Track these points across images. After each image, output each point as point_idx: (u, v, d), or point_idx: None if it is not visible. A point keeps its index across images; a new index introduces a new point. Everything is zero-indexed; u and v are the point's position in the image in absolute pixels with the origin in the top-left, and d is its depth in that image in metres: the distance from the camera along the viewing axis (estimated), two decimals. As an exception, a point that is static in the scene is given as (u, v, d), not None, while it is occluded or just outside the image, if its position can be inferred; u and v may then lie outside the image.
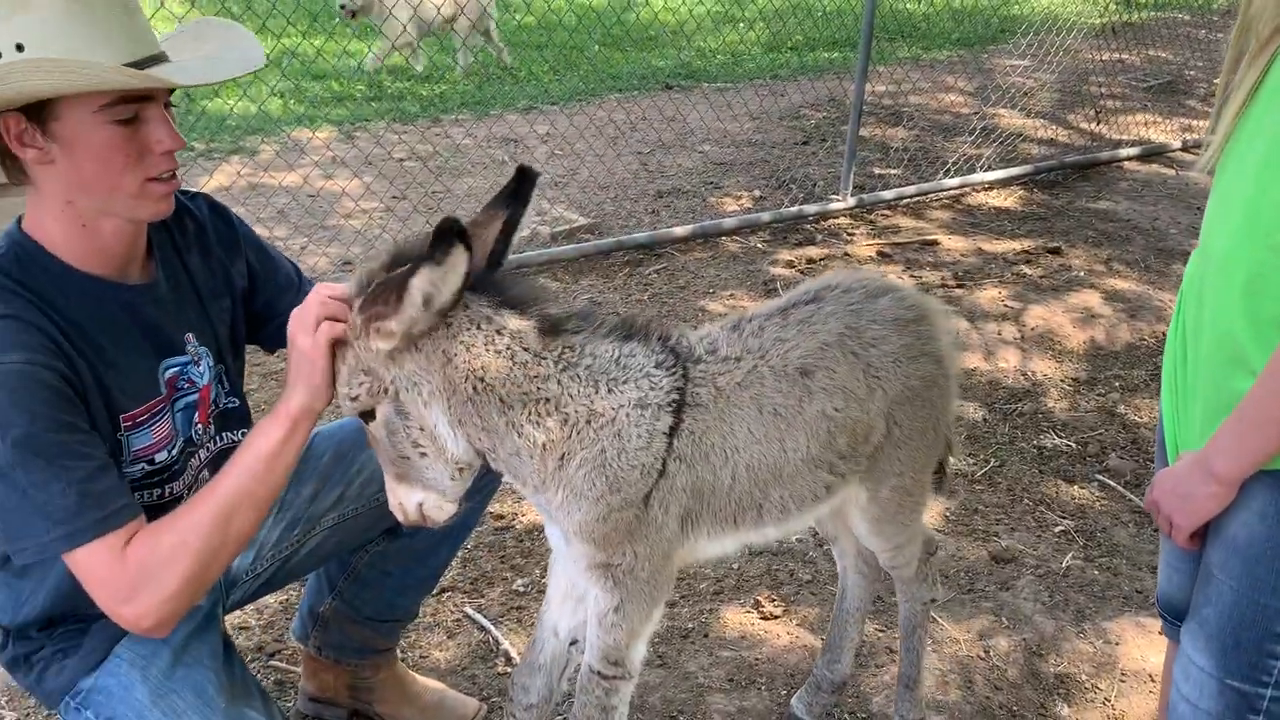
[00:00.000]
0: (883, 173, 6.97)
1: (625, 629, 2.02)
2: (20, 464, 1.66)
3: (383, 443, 1.88)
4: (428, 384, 1.81)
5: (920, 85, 8.94)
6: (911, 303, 2.21)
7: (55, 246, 1.84)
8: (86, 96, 1.71)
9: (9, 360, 1.68)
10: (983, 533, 3.56)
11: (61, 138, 1.73)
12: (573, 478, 1.87)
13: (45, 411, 1.69)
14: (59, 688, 1.99)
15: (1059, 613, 3.20)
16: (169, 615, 1.77)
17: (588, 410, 1.86)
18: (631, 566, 1.97)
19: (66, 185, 1.78)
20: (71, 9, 1.70)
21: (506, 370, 1.82)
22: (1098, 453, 4.07)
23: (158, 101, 1.81)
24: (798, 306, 2.11)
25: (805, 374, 2.02)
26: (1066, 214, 6.61)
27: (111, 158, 1.76)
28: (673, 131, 7.48)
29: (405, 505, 1.93)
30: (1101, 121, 8.33)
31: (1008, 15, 11.74)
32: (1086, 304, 5.24)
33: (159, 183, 1.83)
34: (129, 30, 1.78)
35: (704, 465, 1.95)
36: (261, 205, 5.88)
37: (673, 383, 1.92)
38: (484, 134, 7.33)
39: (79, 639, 1.99)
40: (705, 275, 5.46)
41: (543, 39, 9.74)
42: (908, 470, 2.25)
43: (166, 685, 1.94)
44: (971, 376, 4.55)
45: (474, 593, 3.19)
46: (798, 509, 2.10)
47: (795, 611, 3.15)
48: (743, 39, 10.67)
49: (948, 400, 2.29)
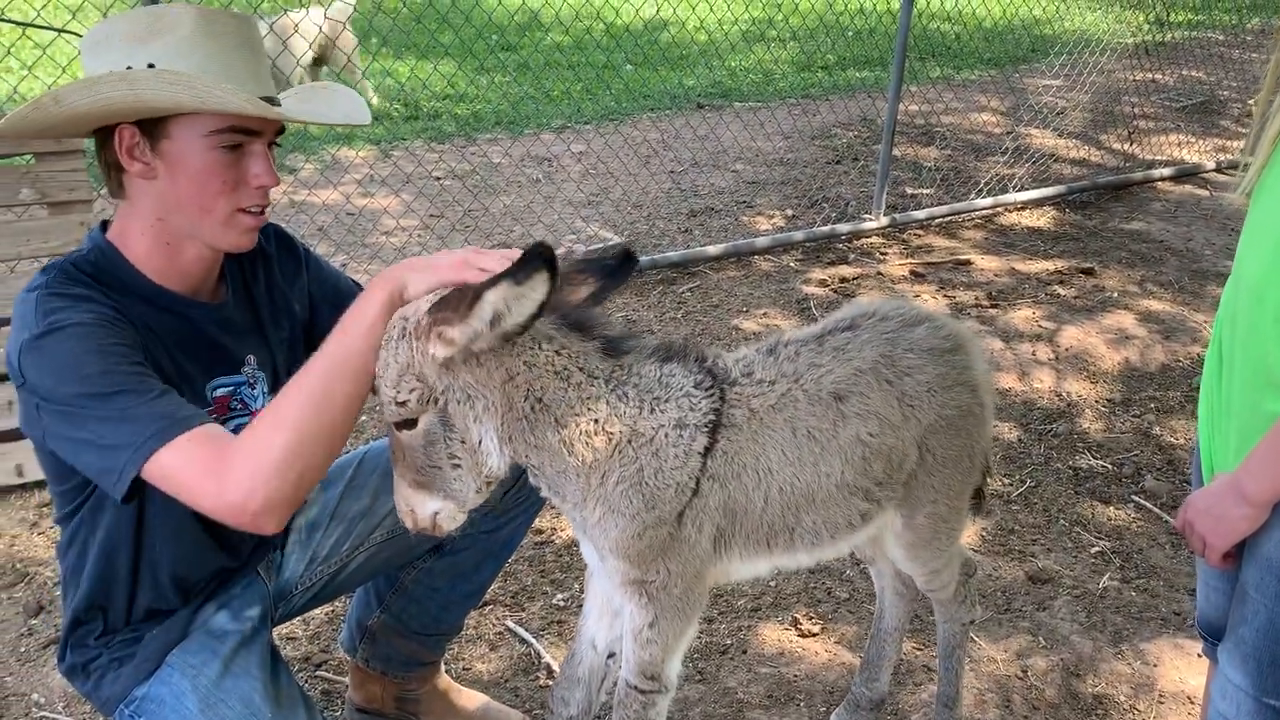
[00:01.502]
0: (915, 192, 6.99)
1: (660, 644, 2.05)
2: (99, 397, 1.70)
3: (415, 452, 1.84)
4: (483, 399, 1.82)
5: (952, 105, 8.96)
6: (947, 332, 2.23)
7: (136, 258, 1.92)
8: (199, 119, 1.81)
9: (82, 316, 1.76)
10: (1019, 553, 3.58)
11: (168, 155, 1.83)
12: (610, 494, 1.91)
13: (117, 351, 1.75)
14: (115, 695, 2.06)
15: (1096, 633, 3.21)
16: (277, 496, 1.68)
17: (630, 430, 1.90)
18: (665, 583, 2.00)
19: (162, 202, 1.87)
20: (203, 40, 1.80)
21: (565, 390, 1.85)
22: (1133, 474, 4.07)
23: (263, 138, 1.90)
24: (834, 333, 2.15)
25: (839, 399, 2.05)
26: (1100, 234, 6.61)
27: (209, 181, 1.85)
28: (705, 150, 7.53)
29: (418, 513, 1.90)
30: (1135, 142, 8.32)
31: (1040, 35, 11.74)
32: (1121, 325, 5.25)
33: (248, 215, 1.92)
34: (253, 69, 1.88)
35: (737, 485, 1.98)
36: (303, 222, 5.98)
37: (710, 404, 1.96)
38: (519, 153, 7.41)
39: (133, 648, 2.06)
40: (738, 294, 5.51)
41: (577, 59, 9.84)
42: (942, 497, 2.26)
43: (215, 695, 1.99)
44: (1006, 397, 4.57)
45: (515, 606, 3.24)
46: (831, 535, 2.12)
47: (833, 629, 3.18)
48: (774, 58, 10.73)
49: (983, 428, 2.31)
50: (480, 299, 1.67)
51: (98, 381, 1.71)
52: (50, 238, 3.79)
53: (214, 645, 2.07)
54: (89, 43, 1.85)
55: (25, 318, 1.78)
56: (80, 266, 1.87)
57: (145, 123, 1.82)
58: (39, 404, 1.75)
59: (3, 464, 3.57)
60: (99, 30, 1.86)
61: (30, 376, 1.75)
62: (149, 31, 1.80)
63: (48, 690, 2.84)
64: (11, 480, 3.57)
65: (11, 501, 3.57)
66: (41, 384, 1.74)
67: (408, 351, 1.76)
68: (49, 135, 1.98)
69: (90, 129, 1.87)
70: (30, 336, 1.75)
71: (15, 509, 3.54)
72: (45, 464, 1.95)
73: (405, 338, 1.76)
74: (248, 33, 1.91)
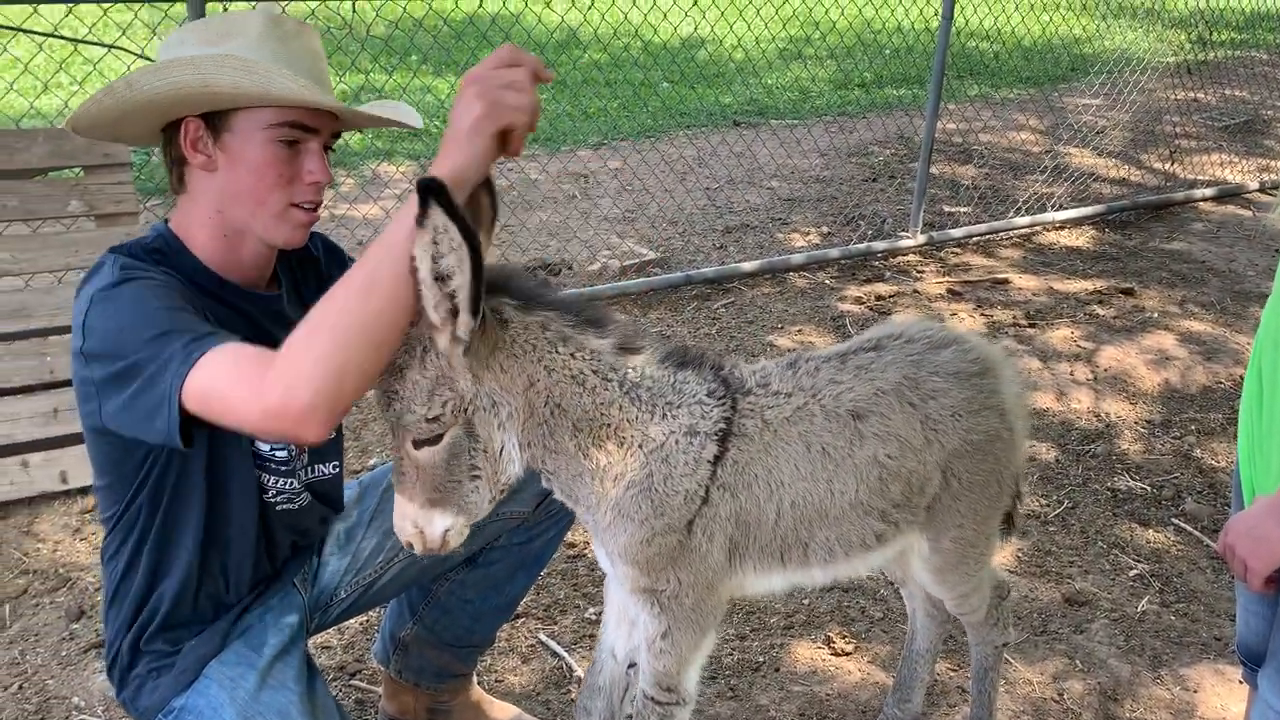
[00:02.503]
0: (952, 210, 6.96)
1: (674, 656, 2.05)
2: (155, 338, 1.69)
3: (436, 469, 1.79)
4: (507, 405, 1.82)
5: (990, 123, 8.92)
6: (976, 355, 2.21)
7: (195, 248, 1.98)
8: (260, 113, 1.87)
9: (156, 275, 1.82)
10: (1056, 574, 3.54)
11: (229, 148, 1.89)
12: (620, 499, 1.91)
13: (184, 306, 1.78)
14: (153, 706, 2.08)
15: (1134, 658, 3.16)
16: (320, 394, 1.56)
17: (642, 434, 1.90)
18: (676, 593, 2.00)
19: (221, 194, 1.93)
20: (271, 41, 1.88)
21: (581, 394, 1.86)
22: (1173, 496, 4.02)
23: (319, 137, 1.95)
24: (858, 352, 2.14)
25: (857, 417, 2.03)
26: (1140, 254, 6.54)
27: (265, 173, 1.90)
28: (741, 167, 7.54)
29: (428, 533, 1.84)
30: (1176, 161, 8.23)
31: (1079, 54, 11.66)
32: (1161, 346, 5.19)
33: (301, 210, 1.97)
34: (315, 74, 1.94)
35: (747, 495, 1.98)
36: (344, 236, 6.05)
37: (721, 412, 1.95)
38: (556, 169, 7.46)
39: (171, 659, 2.08)
40: (773, 310, 5.51)
41: (614, 76, 9.89)
42: (968, 522, 2.24)
43: (253, 707, 2.01)
44: (1043, 417, 4.53)
45: (547, 620, 3.25)
46: (845, 554, 2.11)
47: (866, 648, 3.16)
48: (811, 76, 10.74)
49: (1012, 453, 2.28)
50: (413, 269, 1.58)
51: (158, 320, 1.70)
52: (97, 249, 3.85)
53: (251, 657, 2.09)
54: (166, 46, 1.92)
55: (98, 276, 1.83)
56: (148, 249, 1.93)
57: (209, 116, 1.89)
58: (102, 369, 1.73)
59: (47, 470, 3.64)
60: (175, 35, 1.94)
61: (97, 325, 1.75)
62: (220, 35, 1.88)
63: (88, 694, 2.88)
64: (56, 486, 3.64)
65: (55, 508, 3.63)
66: (106, 333, 1.73)
67: (435, 365, 1.73)
68: (124, 136, 2.04)
69: (161, 123, 1.93)
70: (102, 287, 1.78)
71: (59, 515, 3.60)
72: (95, 453, 1.97)
73: (429, 352, 1.72)
74: (311, 39, 1.98)
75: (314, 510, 2.29)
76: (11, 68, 6.74)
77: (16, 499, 3.60)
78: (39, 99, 5.87)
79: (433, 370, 1.73)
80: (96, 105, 1.89)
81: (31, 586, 3.29)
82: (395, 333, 1.66)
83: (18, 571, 3.35)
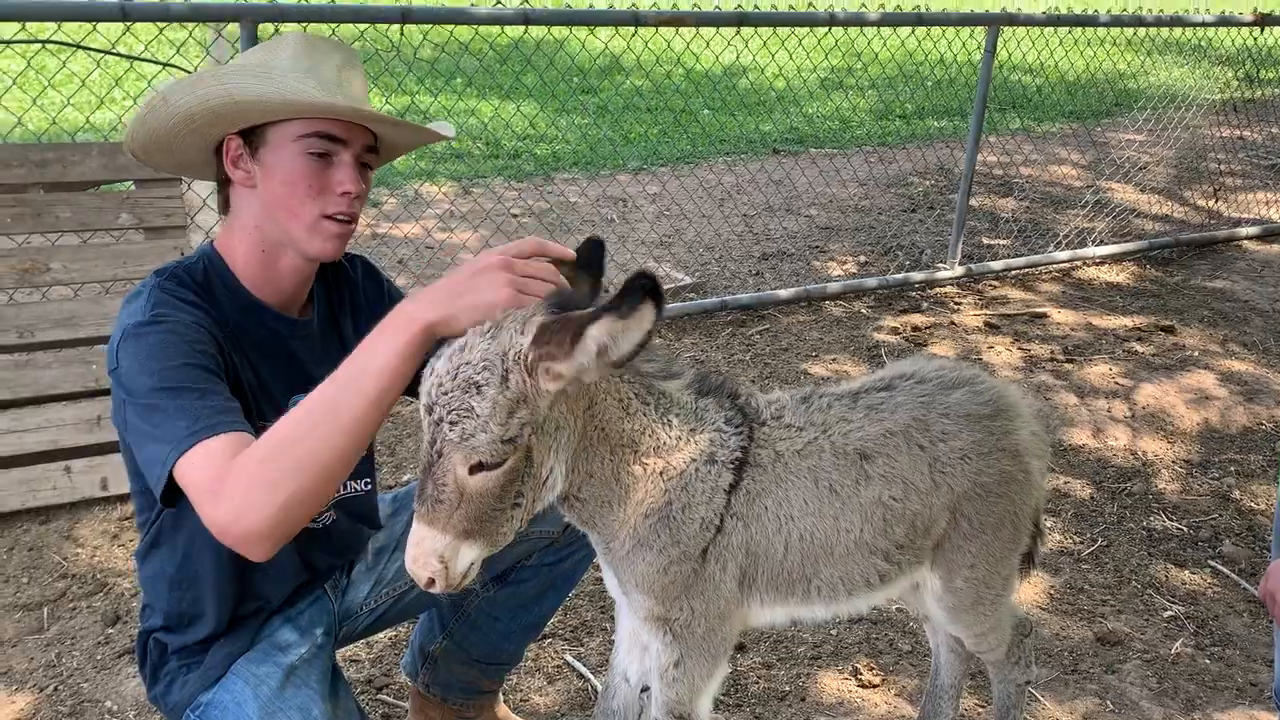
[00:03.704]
0: (991, 243, 6.93)
1: (687, 684, 2.04)
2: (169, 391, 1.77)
3: (486, 496, 1.69)
4: (567, 429, 1.76)
5: (1031, 157, 8.88)
6: (988, 397, 2.19)
7: (236, 267, 2.04)
8: (292, 125, 1.93)
9: (182, 316, 1.88)
10: (1088, 613, 3.50)
11: (265, 162, 1.95)
12: (639, 526, 1.91)
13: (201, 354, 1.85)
14: (182, 701, 2.13)
15: (1167, 700, 3.12)
16: (262, 521, 1.65)
17: (665, 462, 1.90)
18: (689, 622, 1.99)
19: (258, 209, 1.99)
20: (303, 57, 1.96)
21: (624, 419, 1.86)
22: (1210, 538, 3.96)
23: (350, 148, 1.99)
24: (870, 391, 2.14)
25: (864, 457, 2.04)
26: (1181, 292, 6.48)
27: (297, 183, 1.95)
28: (779, 195, 7.57)
29: (453, 567, 1.71)
30: (1220, 199, 8.15)
31: (1123, 89, 11.60)
32: (1201, 385, 5.13)
33: (334, 221, 2.00)
34: (348, 86, 2.01)
35: (758, 527, 1.98)
36: (384, 254, 6.14)
37: (738, 440, 1.96)
38: (595, 193, 7.52)
39: (201, 656, 2.13)
40: (808, 338, 5.51)
41: (655, 102, 9.97)
42: (981, 562, 2.22)
43: (275, 704, 2.05)
44: (1079, 454, 4.49)
45: (574, 640, 3.26)
46: (849, 592, 2.11)
47: (894, 681, 3.14)
48: (852, 106, 10.76)
49: (1027, 494, 2.25)
50: (583, 335, 1.60)
51: (173, 375, 1.78)
52: (145, 261, 3.95)
53: (277, 657, 2.13)
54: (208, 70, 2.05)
55: (134, 308, 1.90)
56: (191, 272, 1.99)
57: (247, 134, 1.96)
58: (125, 395, 1.83)
59: (88, 477, 3.71)
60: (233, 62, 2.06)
61: (123, 362, 1.84)
62: (260, 52, 2.01)
63: (120, 698, 2.92)
64: (96, 493, 3.70)
65: (95, 514, 3.69)
66: (130, 371, 1.83)
67: (519, 385, 1.64)
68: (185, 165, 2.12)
69: (208, 145, 2.01)
70: (134, 323, 1.86)
71: (98, 521, 3.67)
72: (128, 459, 2.03)
73: (515, 371, 1.64)
74: (349, 55, 2.04)
75: (345, 527, 2.33)
76: (68, 83, 6.92)
77: (58, 504, 3.67)
78: (94, 114, 6.01)
79: (515, 390, 1.64)
80: (142, 125, 1.97)
81: (70, 590, 3.35)
82: (348, 465, 1.72)
83: (57, 575, 3.41)
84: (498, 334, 1.65)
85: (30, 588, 3.35)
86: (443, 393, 1.64)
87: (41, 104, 5.33)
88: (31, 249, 3.89)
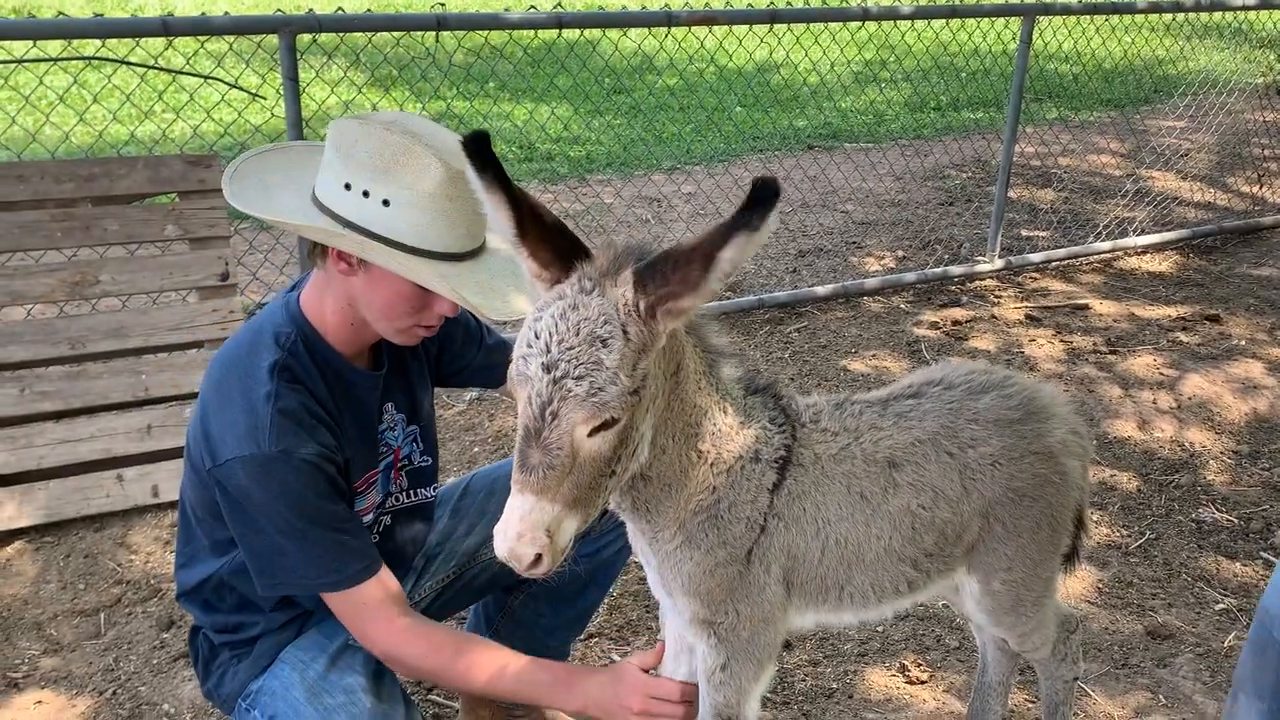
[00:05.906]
0: (1030, 234, 6.87)
1: (734, 687, 2.04)
2: (300, 529, 2.00)
3: (599, 460, 1.61)
4: (652, 388, 1.67)
5: (1070, 146, 8.78)
6: (1018, 401, 2.16)
7: (325, 329, 2.12)
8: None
9: (308, 453, 2.00)
10: (1138, 606, 3.47)
11: (372, 269, 1.99)
12: (688, 521, 1.90)
13: (330, 491, 2.04)
14: (234, 691, 2.24)
15: (1221, 694, 3.08)
16: (398, 669, 2.20)
17: (717, 451, 1.88)
18: (734, 625, 1.99)
19: (356, 296, 2.05)
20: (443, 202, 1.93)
21: (696, 390, 1.83)
22: (1261, 529, 3.91)
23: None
24: (899, 399, 2.13)
25: (893, 466, 2.03)
26: (1226, 280, 6.39)
27: (399, 304, 2.02)
28: (815, 191, 7.54)
29: (558, 541, 1.62)
30: (1264, 185, 8.02)
31: (1162, 75, 11.43)
32: (1248, 374, 5.05)
33: (423, 329, 2.10)
34: (470, 224, 2.00)
35: (798, 529, 1.98)
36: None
37: (782, 439, 1.95)
38: (630, 194, 7.54)
39: (250, 647, 2.24)
40: (847, 335, 5.49)
41: (688, 101, 9.97)
42: (1018, 565, 2.20)
43: (321, 685, 2.15)
44: (1124, 446, 4.44)
45: (620, 640, 3.28)
46: (878, 599, 2.11)
47: (942, 678, 3.13)
48: (886, 99, 10.69)
49: (1064, 495, 2.22)
50: (715, 261, 1.52)
51: (314, 512, 2.01)
52: (191, 271, 4.03)
53: (324, 643, 2.22)
54: (338, 138, 1.95)
55: (255, 428, 1.97)
56: (295, 356, 2.06)
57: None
58: (237, 500, 2.01)
59: (140, 484, 3.78)
60: (351, 130, 1.94)
61: (245, 483, 1.97)
62: (395, 163, 1.90)
63: (177, 701, 2.98)
64: (148, 500, 3.77)
65: (147, 520, 3.76)
66: (254, 494, 1.97)
67: (640, 334, 1.58)
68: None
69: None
70: (263, 455, 1.96)
71: (151, 527, 3.73)
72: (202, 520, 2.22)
73: (633, 322, 1.58)
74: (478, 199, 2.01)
75: (408, 532, 2.42)
76: (111, 96, 7.04)
77: (111, 511, 3.74)
78: (139, 127, 6.12)
79: (637, 340, 1.58)
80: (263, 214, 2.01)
81: (125, 596, 3.42)
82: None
83: (112, 581, 3.48)
84: (603, 290, 1.60)
85: (87, 594, 3.42)
86: (567, 348, 1.56)
87: (87, 119, 5.43)
88: (81, 262, 3.98)
